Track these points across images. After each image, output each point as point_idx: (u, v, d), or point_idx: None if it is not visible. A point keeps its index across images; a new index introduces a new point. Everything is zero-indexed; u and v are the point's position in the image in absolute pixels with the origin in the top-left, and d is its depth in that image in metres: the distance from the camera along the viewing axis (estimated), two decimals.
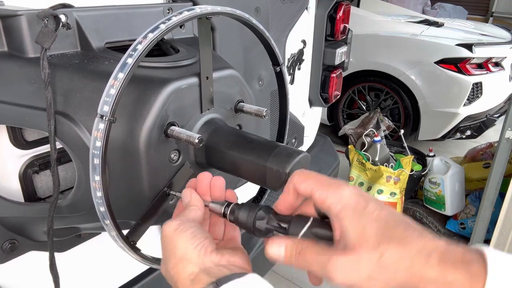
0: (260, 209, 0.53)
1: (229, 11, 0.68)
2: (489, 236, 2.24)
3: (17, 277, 0.89)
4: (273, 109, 1.38)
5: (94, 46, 0.77)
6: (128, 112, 0.62)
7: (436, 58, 3.66)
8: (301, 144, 1.79)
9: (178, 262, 0.48)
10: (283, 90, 0.85)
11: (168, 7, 0.92)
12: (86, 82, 0.68)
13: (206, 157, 0.69)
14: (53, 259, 0.74)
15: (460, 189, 2.85)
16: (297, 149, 0.63)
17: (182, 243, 0.49)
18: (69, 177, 0.92)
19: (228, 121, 0.75)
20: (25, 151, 0.83)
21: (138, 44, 0.55)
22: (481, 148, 3.33)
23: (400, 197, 2.72)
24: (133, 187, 0.65)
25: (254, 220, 0.53)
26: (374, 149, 2.89)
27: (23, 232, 0.83)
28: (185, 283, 0.46)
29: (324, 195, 0.44)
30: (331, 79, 1.87)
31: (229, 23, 1.08)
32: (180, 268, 0.48)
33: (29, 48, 0.70)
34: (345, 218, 0.42)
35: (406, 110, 3.92)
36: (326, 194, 0.44)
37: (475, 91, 3.65)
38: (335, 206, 0.43)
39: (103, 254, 1.04)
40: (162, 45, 0.89)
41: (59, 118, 0.66)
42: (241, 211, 0.54)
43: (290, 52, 1.57)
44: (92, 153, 0.54)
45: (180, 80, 0.66)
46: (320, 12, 1.75)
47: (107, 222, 0.58)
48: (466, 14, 8.17)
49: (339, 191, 0.44)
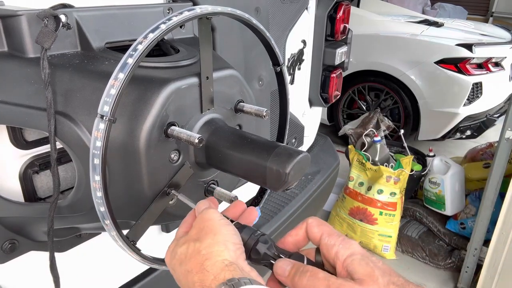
0: (263, 235, 0.55)
1: (230, 11, 0.67)
2: (489, 236, 2.24)
3: (17, 277, 0.89)
4: (273, 109, 1.38)
5: (94, 46, 0.77)
6: (128, 112, 0.62)
7: (436, 58, 3.66)
8: (301, 144, 1.79)
9: (216, 245, 0.50)
10: (283, 90, 0.85)
11: (168, 7, 0.92)
12: (86, 82, 0.68)
13: (206, 157, 0.69)
14: (53, 259, 0.74)
15: (460, 189, 2.85)
16: (297, 149, 0.63)
17: (226, 233, 0.52)
18: (69, 177, 0.92)
19: (228, 121, 0.75)
20: (25, 151, 0.83)
21: (138, 44, 0.55)
22: (481, 148, 3.33)
23: (400, 197, 2.72)
24: (133, 187, 0.65)
25: (256, 242, 0.54)
26: (374, 149, 2.89)
27: (23, 232, 0.83)
28: (218, 265, 0.48)
29: (333, 242, 0.51)
30: (331, 79, 1.87)
31: (229, 23, 1.08)
32: (216, 250, 0.49)
33: (29, 48, 0.70)
34: (354, 261, 0.49)
35: (406, 110, 3.92)
36: (334, 241, 0.51)
37: (475, 91, 3.65)
38: (343, 252, 0.50)
39: (103, 254, 1.04)
40: (162, 45, 0.89)
41: (59, 118, 0.66)
42: (243, 231, 0.55)
43: (290, 52, 1.57)
44: (92, 153, 0.54)
45: (180, 80, 0.66)
46: (320, 12, 1.75)
47: (107, 222, 0.58)
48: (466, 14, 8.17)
49: (348, 242, 0.51)
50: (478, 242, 2.38)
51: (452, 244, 2.80)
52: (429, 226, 2.92)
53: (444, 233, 2.85)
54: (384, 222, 2.70)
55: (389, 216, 2.69)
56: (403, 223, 2.98)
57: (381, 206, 2.68)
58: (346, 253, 0.49)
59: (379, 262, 0.49)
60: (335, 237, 0.52)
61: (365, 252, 0.50)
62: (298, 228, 0.56)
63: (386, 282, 0.47)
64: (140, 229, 0.66)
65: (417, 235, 2.89)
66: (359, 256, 0.49)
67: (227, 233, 0.51)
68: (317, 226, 0.54)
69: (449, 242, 2.82)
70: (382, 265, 0.49)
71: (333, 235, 0.52)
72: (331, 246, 0.51)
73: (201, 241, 0.51)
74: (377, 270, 0.47)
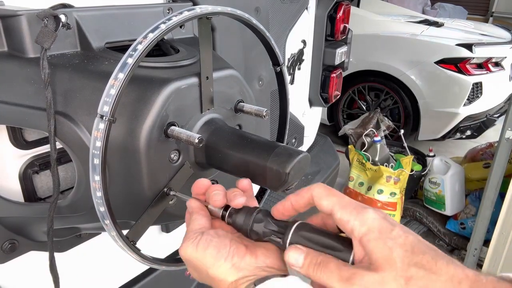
0: (258, 212, 0.53)
1: (229, 11, 0.67)
2: (489, 236, 2.24)
3: (17, 277, 0.89)
4: (273, 109, 1.38)
5: (94, 46, 0.77)
6: (128, 112, 0.62)
7: (436, 58, 3.66)
8: (301, 144, 1.79)
9: (215, 279, 0.48)
10: (283, 90, 0.85)
11: (168, 7, 0.92)
12: (86, 82, 0.68)
13: (206, 157, 0.69)
14: (53, 259, 0.74)
15: (460, 189, 2.85)
16: (297, 149, 0.63)
17: (210, 260, 0.49)
18: (69, 177, 0.92)
19: (228, 121, 0.75)
20: (25, 151, 0.83)
21: (138, 44, 0.55)
22: (481, 148, 3.33)
23: (400, 197, 2.72)
24: (133, 187, 0.65)
25: (252, 223, 0.52)
26: (374, 149, 2.89)
27: (23, 232, 0.83)
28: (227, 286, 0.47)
29: (347, 216, 0.44)
30: (331, 79, 1.87)
31: (229, 23, 1.08)
32: (218, 282, 0.48)
33: (29, 48, 0.70)
34: (371, 241, 0.42)
35: (406, 110, 3.92)
36: (349, 216, 0.44)
37: (475, 91, 3.65)
38: (358, 229, 0.43)
39: (103, 254, 1.04)
40: (162, 45, 0.89)
41: (59, 118, 0.66)
42: (239, 214, 0.54)
43: (290, 52, 1.57)
44: (92, 153, 0.54)
45: (180, 80, 0.66)
46: (320, 12, 1.75)
47: (107, 222, 0.58)
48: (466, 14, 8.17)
49: (363, 214, 0.44)
50: (478, 242, 2.38)
51: (452, 244, 2.80)
52: (429, 226, 2.93)
53: (444, 233, 2.85)
54: None
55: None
56: (403, 223, 2.98)
57: (381, 206, 2.68)
58: (362, 230, 0.43)
59: (401, 237, 0.42)
60: (349, 209, 0.45)
61: (384, 224, 0.43)
62: (300, 195, 0.49)
63: (407, 265, 0.40)
64: (140, 229, 0.66)
65: None
66: (376, 234, 0.42)
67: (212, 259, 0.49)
68: (326, 198, 0.47)
69: (449, 242, 2.82)
70: (404, 240, 0.41)
71: (346, 207, 0.45)
72: (346, 222, 0.44)
73: (203, 279, 0.51)
74: (396, 251, 0.40)
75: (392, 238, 0.41)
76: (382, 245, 0.41)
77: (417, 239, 0.42)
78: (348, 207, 0.45)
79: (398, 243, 0.41)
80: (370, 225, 0.43)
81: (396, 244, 0.41)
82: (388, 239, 0.41)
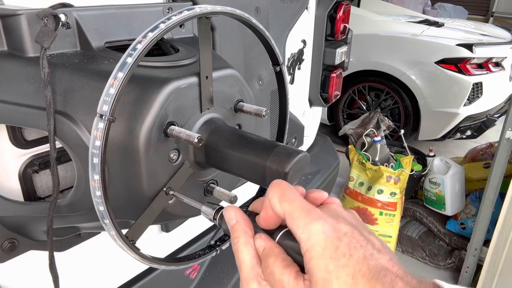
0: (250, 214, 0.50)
1: (229, 11, 0.67)
2: (489, 236, 2.24)
3: (17, 277, 0.89)
4: (273, 109, 1.38)
5: (94, 46, 0.77)
6: (128, 112, 0.62)
7: (436, 58, 3.66)
8: (301, 144, 1.79)
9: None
10: (283, 90, 0.85)
11: (168, 7, 0.92)
12: (85, 81, 0.68)
13: (206, 157, 0.69)
14: (52, 258, 0.74)
15: (460, 189, 2.85)
16: (297, 149, 0.63)
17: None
18: (69, 177, 0.92)
19: (228, 120, 0.75)
20: (24, 150, 0.83)
21: (137, 44, 0.55)
22: (481, 148, 3.33)
23: (400, 197, 2.71)
24: (133, 187, 0.65)
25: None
26: (374, 149, 2.89)
27: (23, 231, 0.83)
28: None
29: (295, 227, 0.40)
30: (331, 79, 1.87)
31: (229, 23, 1.08)
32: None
33: (29, 47, 0.70)
34: (312, 259, 0.37)
35: (406, 110, 3.92)
36: (297, 226, 0.40)
37: (475, 91, 3.65)
38: (305, 242, 0.39)
39: (103, 253, 1.04)
40: (162, 44, 0.89)
41: (59, 117, 0.66)
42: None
43: (290, 52, 1.57)
44: (92, 153, 0.54)
45: (179, 79, 0.66)
46: (320, 12, 1.75)
47: (107, 221, 0.58)
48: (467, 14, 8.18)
49: (310, 225, 0.39)
50: (478, 242, 2.38)
51: (452, 244, 2.80)
52: (429, 226, 2.92)
53: (444, 233, 2.85)
54: (384, 222, 2.70)
55: (389, 216, 2.69)
56: (403, 223, 2.98)
57: (381, 206, 2.68)
58: (306, 245, 0.38)
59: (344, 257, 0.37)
60: (298, 219, 0.40)
61: (329, 239, 0.38)
62: (265, 209, 0.44)
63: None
64: (139, 228, 0.66)
65: (417, 235, 2.89)
66: (318, 252, 0.37)
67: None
68: (280, 202, 0.42)
69: (449, 242, 2.82)
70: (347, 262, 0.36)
71: (294, 213, 0.40)
72: (296, 234, 0.40)
73: None
74: (337, 274, 0.36)
75: (335, 259, 0.37)
76: (323, 267, 0.37)
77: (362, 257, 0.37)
78: (298, 216, 0.40)
79: (340, 265, 0.36)
80: (314, 241, 0.38)
81: (337, 266, 0.36)
82: (331, 259, 0.37)
